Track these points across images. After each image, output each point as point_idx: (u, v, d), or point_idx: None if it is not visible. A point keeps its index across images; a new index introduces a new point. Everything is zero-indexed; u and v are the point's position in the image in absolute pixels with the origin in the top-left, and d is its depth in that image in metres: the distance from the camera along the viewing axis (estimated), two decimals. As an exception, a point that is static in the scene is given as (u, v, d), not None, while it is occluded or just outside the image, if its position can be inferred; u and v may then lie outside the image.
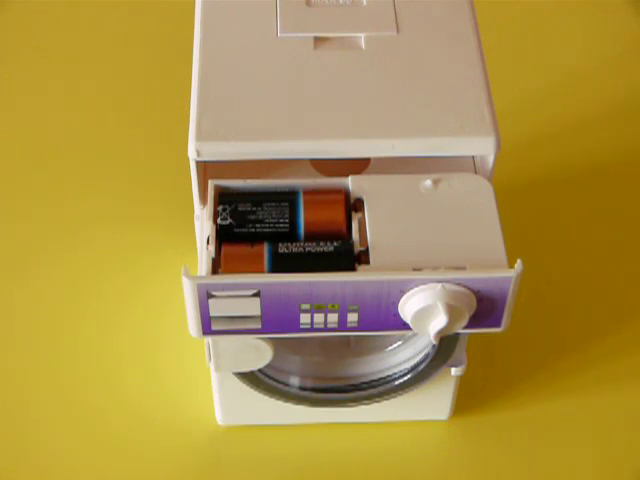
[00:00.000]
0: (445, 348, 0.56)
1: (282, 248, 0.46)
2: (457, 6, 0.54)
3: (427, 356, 0.56)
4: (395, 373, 0.58)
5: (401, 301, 0.46)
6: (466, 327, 0.47)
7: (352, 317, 0.47)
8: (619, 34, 0.86)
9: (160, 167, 0.76)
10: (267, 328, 0.48)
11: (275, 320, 0.47)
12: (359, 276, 0.45)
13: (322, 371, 0.59)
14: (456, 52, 0.52)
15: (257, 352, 0.53)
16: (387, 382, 0.58)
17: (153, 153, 0.77)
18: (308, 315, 0.47)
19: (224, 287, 0.45)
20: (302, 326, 0.48)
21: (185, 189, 0.54)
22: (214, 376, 0.58)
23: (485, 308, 0.47)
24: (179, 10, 0.86)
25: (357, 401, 0.59)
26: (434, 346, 0.56)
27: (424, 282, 0.45)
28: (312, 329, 0.48)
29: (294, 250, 0.46)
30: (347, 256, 0.46)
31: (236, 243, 0.47)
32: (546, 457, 0.61)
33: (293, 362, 0.58)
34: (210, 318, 0.47)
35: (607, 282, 0.70)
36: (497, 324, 0.48)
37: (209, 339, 0.53)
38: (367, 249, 0.46)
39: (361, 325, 0.48)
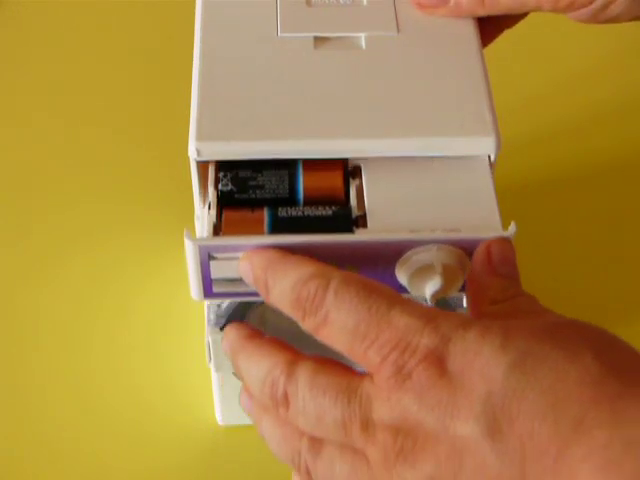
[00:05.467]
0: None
1: (282, 212, 0.47)
2: (457, 6, 0.54)
3: (427, 356, 0.56)
4: (395, 373, 0.58)
5: (397, 263, 0.46)
6: (462, 290, 0.47)
7: None
8: (620, 34, 0.86)
9: (160, 167, 0.76)
10: None
11: None
12: (356, 237, 0.46)
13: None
14: (456, 52, 0.52)
15: (257, 352, 0.53)
16: (387, 382, 0.58)
17: (153, 153, 0.77)
18: None
19: (225, 248, 0.45)
20: None
21: (185, 189, 0.54)
22: (214, 376, 0.58)
23: None
24: (179, 10, 0.86)
25: (357, 401, 0.59)
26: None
27: (420, 244, 0.45)
28: None
29: (293, 214, 0.47)
30: (345, 219, 0.47)
31: (237, 208, 0.47)
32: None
33: (293, 362, 0.58)
34: (211, 281, 0.47)
35: (608, 282, 0.70)
36: None
37: (209, 338, 0.53)
38: (364, 214, 0.47)
39: None
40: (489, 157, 0.48)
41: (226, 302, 0.53)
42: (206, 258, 0.46)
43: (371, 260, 0.46)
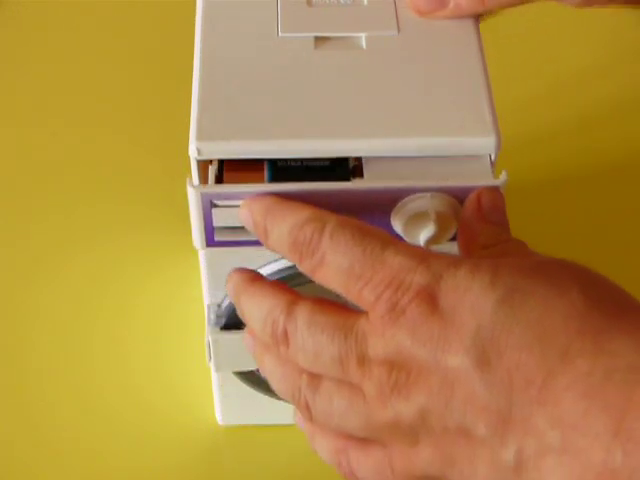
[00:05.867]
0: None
1: (281, 162, 0.48)
2: (457, 6, 0.54)
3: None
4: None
5: (393, 212, 0.47)
6: (453, 239, 0.48)
7: None
8: (620, 34, 0.86)
9: (160, 167, 0.76)
10: None
11: None
12: (353, 185, 0.47)
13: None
14: (456, 52, 0.52)
15: (257, 352, 0.53)
16: (387, 382, 0.58)
17: (153, 153, 0.77)
18: None
19: (226, 196, 0.47)
20: None
21: (185, 190, 0.54)
22: (214, 376, 0.58)
23: None
24: (179, 10, 0.85)
25: (357, 401, 0.59)
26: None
27: (414, 191, 0.46)
28: None
29: (292, 164, 0.48)
30: (342, 169, 0.48)
31: (238, 160, 0.48)
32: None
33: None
34: (213, 229, 0.48)
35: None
36: None
37: (209, 338, 0.53)
38: (361, 164, 0.48)
39: None
40: (490, 157, 0.49)
41: (226, 302, 0.53)
42: (208, 206, 0.47)
43: (367, 208, 0.47)
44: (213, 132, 0.48)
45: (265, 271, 0.51)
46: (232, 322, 0.53)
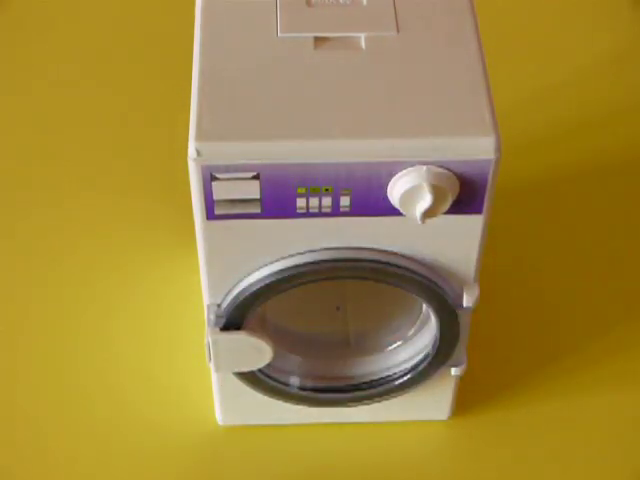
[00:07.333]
0: (445, 348, 0.56)
1: None
2: (457, 6, 0.54)
3: (427, 356, 0.57)
4: (395, 373, 0.58)
5: (390, 184, 0.48)
6: (451, 212, 0.49)
7: (345, 201, 0.50)
8: (620, 34, 0.86)
9: (160, 166, 0.76)
10: (266, 212, 0.50)
11: (273, 204, 0.50)
12: (351, 158, 0.48)
13: (322, 371, 0.59)
14: (456, 52, 0.52)
15: (257, 352, 0.53)
16: (387, 382, 0.58)
17: (153, 152, 0.77)
18: (304, 199, 0.50)
19: (227, 168, 0.48)
20: (298, 210, 0.50)
21: (183, 188, 0.54)
22: (214, 376, 0.58)
23: (468, 193, 0.49)
24: (179, 10, 0.85)
25: (357, 401, 0.59)
26: (434, 346, 0.56)
27: (410, 164, 0.48)
28: (308, 214, 0.50)
29: None
30: None
31: None
32: (546, 457, 0.61)
33: (293, 362, 0.58)
34: (214, 202, 0.49)
35: (607, 282, 0.70)
36: (478, 210, 0.51)
37: (209, 338, 0.53)
38: None
39: (353, 209, 0.50)
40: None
41: (226, 302, 0.53)
42: (208, 178, 0.48)
43: (365, 182, 0.49)
44: (212, 133, 0.48)
45: (261, 273, 0.52)
46: (232, 322, 0.53)
